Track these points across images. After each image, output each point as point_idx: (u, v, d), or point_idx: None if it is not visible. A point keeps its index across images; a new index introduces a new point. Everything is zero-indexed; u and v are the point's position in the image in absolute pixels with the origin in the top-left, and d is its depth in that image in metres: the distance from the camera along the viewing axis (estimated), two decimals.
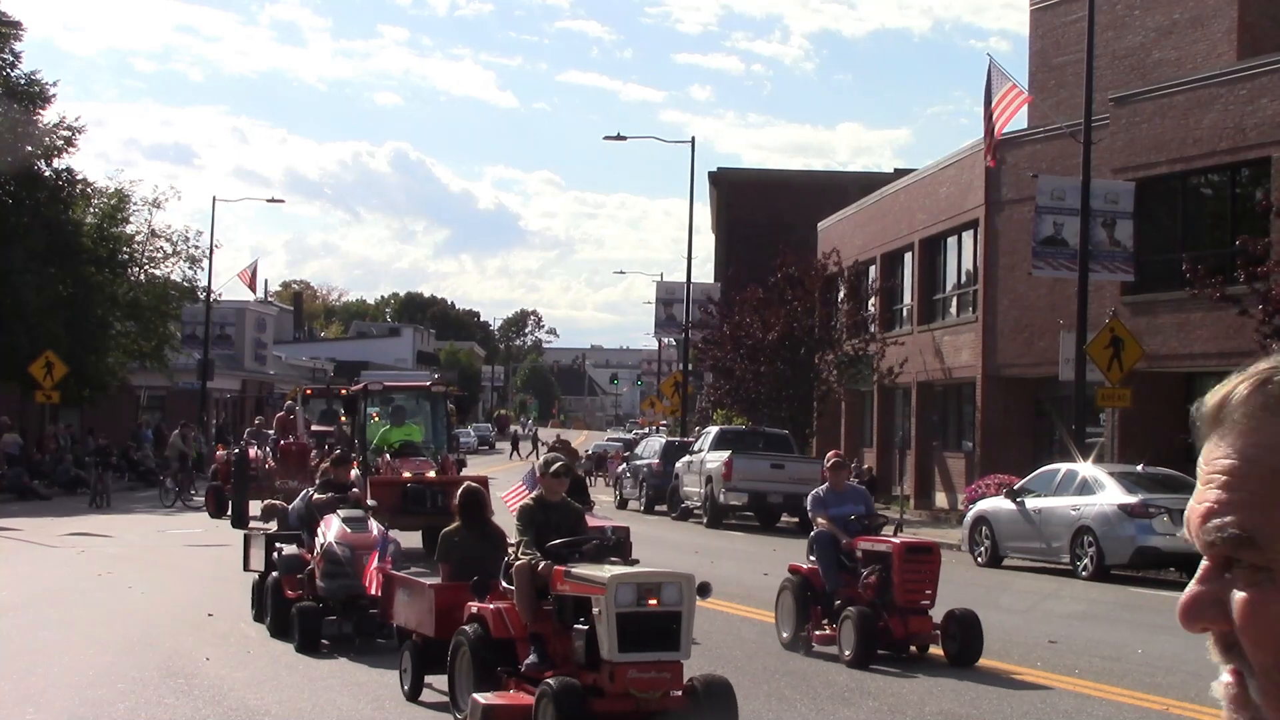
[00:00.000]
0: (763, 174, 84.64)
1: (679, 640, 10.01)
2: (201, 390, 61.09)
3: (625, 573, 10.15)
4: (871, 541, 15.06)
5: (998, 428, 38.74)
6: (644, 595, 9.89)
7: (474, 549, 12.10)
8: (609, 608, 9.77)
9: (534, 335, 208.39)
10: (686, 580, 10.17)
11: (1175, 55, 37.20)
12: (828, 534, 15.12)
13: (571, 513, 11.56)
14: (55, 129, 48.87)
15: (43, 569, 22.97)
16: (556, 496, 11.47)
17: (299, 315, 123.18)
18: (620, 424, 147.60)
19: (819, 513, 15.39)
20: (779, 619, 15.40)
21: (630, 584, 9.92)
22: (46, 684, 12.62)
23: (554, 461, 11.72)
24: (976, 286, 40.21)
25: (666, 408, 68.21)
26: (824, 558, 15.00)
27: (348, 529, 15.04)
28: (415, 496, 23.28)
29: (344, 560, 14.64)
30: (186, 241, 56.87)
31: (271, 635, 15.16)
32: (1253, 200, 29.08)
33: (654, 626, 9.95)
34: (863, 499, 15.90)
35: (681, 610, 10.00)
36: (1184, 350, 31.36)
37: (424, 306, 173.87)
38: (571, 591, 10.30)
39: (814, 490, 15.97)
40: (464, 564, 11.88)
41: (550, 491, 11.48)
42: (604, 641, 9.82)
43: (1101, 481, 25.02)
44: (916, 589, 14.55)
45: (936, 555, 15.08)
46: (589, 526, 11.94)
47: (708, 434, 40.07)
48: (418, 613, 12.16)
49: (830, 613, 14.77)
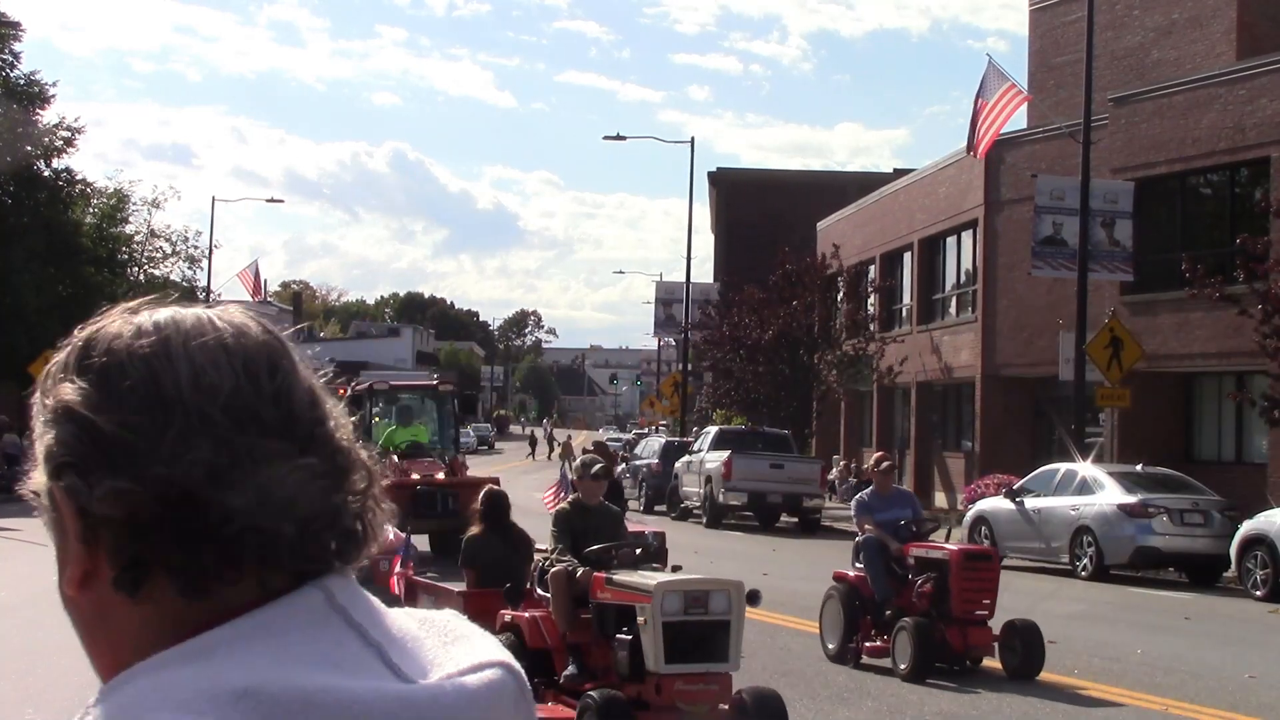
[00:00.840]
0: (762, 174, 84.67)
1: (728, 650, 9.64)
2: None
3: (672, 580, 9.78)
4: (925, 548, 14.33)
5: (997, 428, 38.74)
6: (691, 603, 9.56)
7: (499, 553, 11.79)
8: (655, 617, 9.42)
9: (533, 335, 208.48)
10: (735, 588, 9.81)
11: (1174, 55, 37.22)
12: (876, 540, 14.35)
13: (610, 517, 11.20)
14: (55, 129, 48.91)
15: (42, 569, 22.88)
16: (594, 500, 11.11)
17: (298, 315, 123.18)
18: (618, 424, 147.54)
19: (865, 518, 14.61)
20: (824, 629, 14.62)
21: (677, 592, 9.55)
22: (46, 684, 12.61)
23: (592, 464, 11.29)
24: (976, 286, 40.23)
25: (666, 408, 68.21)
26: (873, 565, 14.23)
27: None
28: (426, 499, 22.77)
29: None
30: (186, 241, 57.04)
31: None
32: (1252, 200, 29.10)
33: (702, 636, 9.60)
34: (910, 503, 15.22)
35: (730, 619, 9.63)
36: (1183, 350, 31.36)
37: (423, 307, 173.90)
38: (613, 599, 9.96)
39: (859, 495, 15.35)
40: (490, 569, 11.58)
41: (588, 494, 11.10)
42: (650, 652, 9.47)
43: (1101, 481, 25.02)
44: (975, 598, 13.78)
45: (996, 562, 14.38)
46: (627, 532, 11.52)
47: (707, 434, 40.06)
48: None
49: (881, 623, 14.10)
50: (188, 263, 57.44)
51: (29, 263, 44.82)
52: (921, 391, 44.64)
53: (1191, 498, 24.77)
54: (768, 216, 70.73)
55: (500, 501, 12.16)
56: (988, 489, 31.55)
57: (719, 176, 78.63)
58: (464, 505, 22.62)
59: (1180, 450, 32.10)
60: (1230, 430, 31.86)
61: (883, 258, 48.07)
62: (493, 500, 12.16)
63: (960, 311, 42.38)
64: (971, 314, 40.69)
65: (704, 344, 49.75)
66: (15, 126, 46.41)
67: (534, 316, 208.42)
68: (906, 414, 46.44)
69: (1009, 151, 38.63)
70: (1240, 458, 31.35)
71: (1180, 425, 32.86)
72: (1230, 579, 23.78)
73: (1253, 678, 14.07)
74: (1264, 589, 22.05)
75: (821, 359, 44.94)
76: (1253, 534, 22.64)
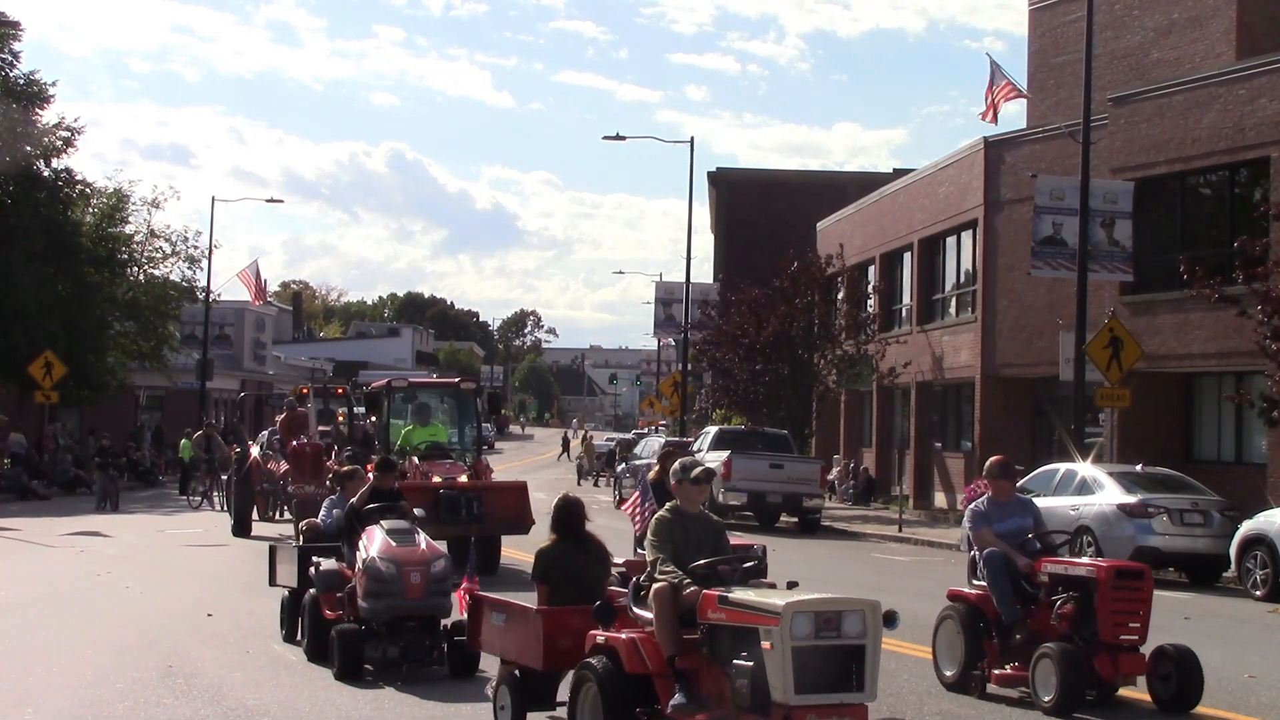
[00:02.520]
0: (762, 174, 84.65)
1: (864, 679, 8.67)
2: (201, 390, 61.07)
3: (802, 599, 8.73)
4: (1063, 564, 12.84)
5: (997, 428, 38.72)
6: (823, 626, 8.62)
7: (576, 566, 10.80)
8: (784, 640, 8.47)
9: (533, 335, 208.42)
10: (871, 608, 8.79)
11: (1174, 55, 37.21)
12: (1000, 555, 12.87)
13: (713, 527, 10.15)
14: (54, 129, 48.89)
15: (42, 569, 22.96)
16: (695, 507, 10.06)
17: (298, 315, 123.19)
18: (618, 424, 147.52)
19: (984, 529, 13.17)
20: (939, 654, 13.18)
21: (808, 613, 8.59)
22: (45, 684, 12.61)
23: (692, 466, 10.16)
24: (975, 286, 40.22)
25: (665, 408, 68.18)
26: (998, 583, 12.77)
27: (392, 542, 13.55)
28: (450, 503, 21.37)
29: (389, 577, 13.22)
30: (185, 241, 57.00)
31: (310, 659, 13.84)
32: (1252, 200, 29.09)
33: (834, 663, 8.65)
34: (1031, 511, 13.60)
35: (866, 643, 8.70)
36: (1183, 350, 31.36)
37: (423, 307, 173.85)
38: (729, 620, 8.99)
39: (974, 504, 13.67)
40: (566, 583, 10.65)
41: (688, 501, 10.04)
42: (777, 681, 8.49)
43: (1101, 481, 25.02)
44: (1125, 620, 12.23)
45: (1149, 580, 12.56)
46: (729, 544, 10.37)
47: (707, 434, 40.08)
48: (519, 641, 10.56)
49: (1010, 648, 12.72)
50: (187, 263, 57.43)
51: (28, 263, 44.79)
52: (921, 391, 44.64)
53: (1191, 498, 24.77)
54: (768, 216, 70.72)
55: (576, 510, 11.16)
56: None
57: (719, 176, 78.62)
58: (490, 510, 21.79)
59: (1180, 450, 32.10)
60: (1230, 430, 31.85)
61: (882, 258, 48.07)
62: (568, 508, 11.17)
63: (960, 312, 42.38)
64: (971, 314, 40.69)
65: (703, 344, 49.74)
66: (15, 126, 46.38)
67: (533, 316, 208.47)
68: (906, 414, 46.44)
69: (1009, 151, 38.63)
70: (1240, 458, 31.34)
71: (1180, 425, 32.86)
72: (1230, 579, 23.80)
73: (1253, 678, 14.06)
74: (1264, 589, 22.05)
75: (821, 359, 44.93)
76: (1252, 534, 22.64)
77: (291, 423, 31.33)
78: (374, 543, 13.59)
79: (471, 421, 25.78)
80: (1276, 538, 22.03)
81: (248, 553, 25.75)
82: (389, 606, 13.20)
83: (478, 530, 21.01)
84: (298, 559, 15.04)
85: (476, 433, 25.73)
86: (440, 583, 13.41)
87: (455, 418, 25.76)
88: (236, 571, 22.76)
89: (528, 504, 22.58)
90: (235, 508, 29.86)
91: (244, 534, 28.79)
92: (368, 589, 13.28)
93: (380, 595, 13.20)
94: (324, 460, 28.71)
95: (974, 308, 40.44)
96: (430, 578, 13.35)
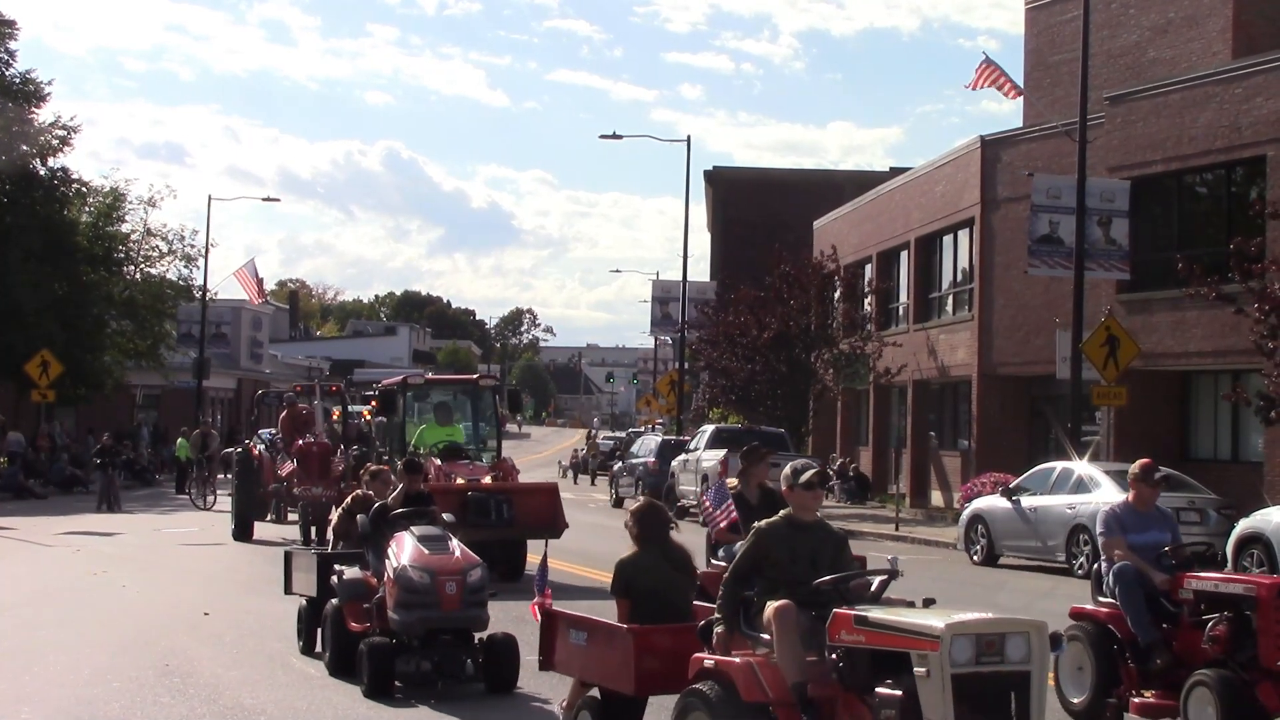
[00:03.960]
0: (759, 173, 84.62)
1: (1028, 709, 7.78)
2: (197, 389, 61.06)
3: (963, 620, 7.80)
4: (1215, 579, 11.36)
5: (994, 426, 38.75)
6: (984, 649, 7.72)
7: (662, 578, 9.83)
8: (943, 667, 7.55)
9: (530, 334, 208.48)
10: (1036, 630, 7.91)
11: (1170, 54, 37.22)
12: (1133, 570, 11.60)
13: (832, 537, 9.12)
14: (50, 128, 48.90)
15: (39, 568, 22.96)
16: (810, 515, 9.07)
17: (295, 314, 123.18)
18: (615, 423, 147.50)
19: (1117, 537, 11.83)
20: (1063, 679, 11.95)
21: (968, 635, 7.68)
22: (42, 683, 12.61)
23: (803, 469, 9.16)
24: (972, 285, 40.23)
25: (662, 406, 68.23)
26: (1132, 601, 11.48)
27: (425, 549, 12.63)
28: (479, 506, 20.27)
29: (422, 587, 12.33)
30: (182, 240, 57.01)
31: (331, 674, 13.12)
32: (1248, 199, 29.11)
33: (996, 692, 7.75)
34: (1170, 525, 12.19)
35: (1031, 669, 7.79)
36: (1179, 349, 31.38)
37: (420, 305, 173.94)
38: (869, 643, 8.05)
39: (1109, 508, 12.24)
40: (649, 597, 9.73)
41: (801, 508, 9.06)
42: (934, 713, 7.61)
43: (1097, 480, 25.03)
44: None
45: None
46: (852, 556, 9.36)
47: (703, 432, 40.08)
48: (604, 662, 9.58)
49: (1150, 674, 11.40)
50: (184, 261, 57.44)
51: (25, 262, 44.79)
52: (918, 390, 44.64)
53: (1188, 496, 24.80)
54: (764, 215, 70.70)
55: (661, 515, 10.16)
56: (984, 488, 31.56)
57: (715, 175, 78.63)
58: (520, 513, 20.63)
59: (1176, 449, 32.11)
60: (1226, 429, 31.87)
61: (879, 256, 48.07)
62: (655, 514, 10.15)
63: (957, 310, 42.38)
64: (968, 312, 40.70)
65: (700, 342, 49.75)
66: (11, 126, 46.41)
67: (530, 315, 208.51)
68: (903, 412, 46.43)
69: (1005, 150, 38.65)
70: (1236, 456, 31.36)
71: (1176, 424, 32.87)
72: None
73: None
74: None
75: (818, 358, 44.94)
76: (1249, 532, 22.65)
77: (293, 420, 30.00)
78: (405, 550, 12.66)
79: (490, 420, 24.78)
80: (1273, 536, 22.05)
81: (245, 552, 25.76)
82: (423, 619, 12.33)
83: (506, 534, 20.24)
84: (317, 566, 14.22)
85: (497, 432, 24.75)
86: (477, 593, 12.60)
87: (471, 416, 24.70)
88: (233, 571, 22.76)
89: (560, 506, 21.57)
90: (236, 510, 28.40)
91: (245, 538, 27.63)
92: (399, 600, 12.38)
93: (413, 606, 12.33)
94: (332, 461, 27.64)
95: (971, 306, 40.45)
96: (466, 587, 12.51)
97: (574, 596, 15.06)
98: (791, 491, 9.08)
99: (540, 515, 21.01)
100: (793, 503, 9.11)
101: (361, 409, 49.61)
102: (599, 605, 11.40)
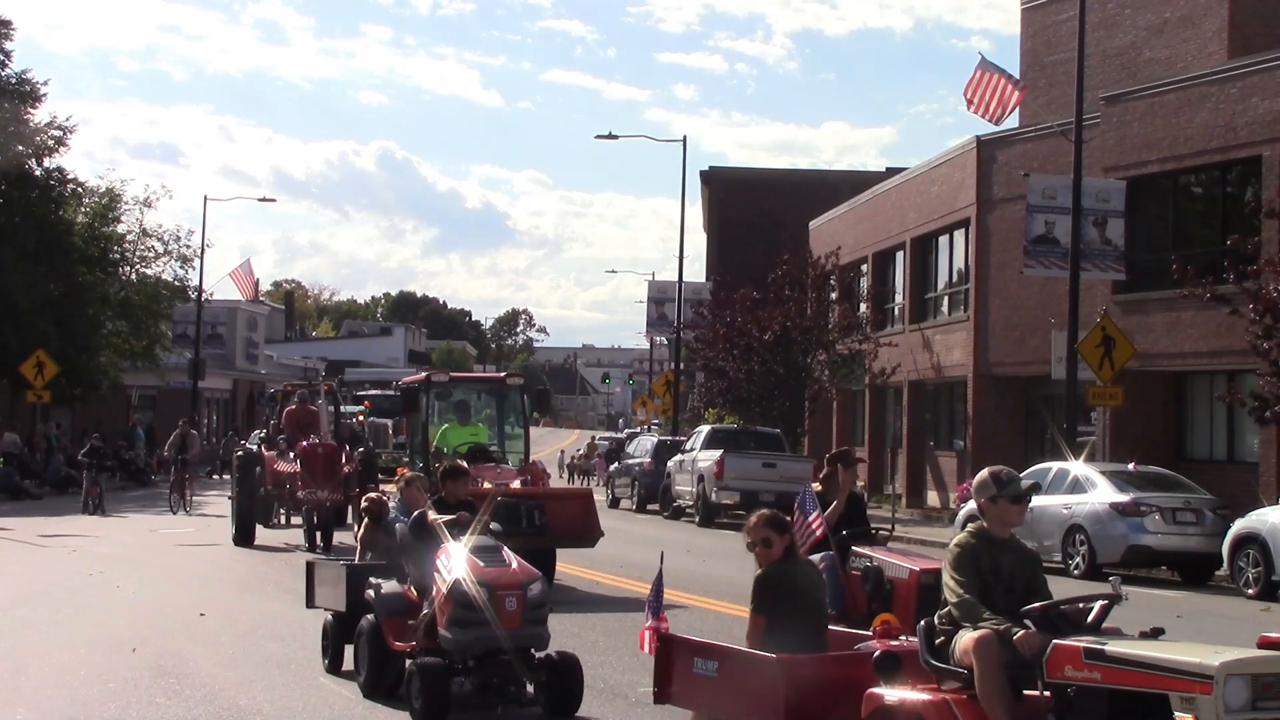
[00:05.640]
0: (754, 173, 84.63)
1: None
2: (193, 390, 61.02)
3: (1239, 659, 6.64)
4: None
5: (989, 426, 38.78)
6: (1261, 693, 6.57)
7: (804, 593, 8.84)
8: (1217, 714, 6.46)
9: (525, 334, 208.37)
10: None
11: (1166, 54, 37.26)
12: None
13: (1029, 558, 8.11)
14: (46, 129, 48.85)
15: (34, 569, 22.93)
16: (1006, 532, 7.98)
17: (290, 315, 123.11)
18: (610, 423, 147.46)
19: None
20: None
21: (1244, 676, 6.55)
22: (38, 683, 12.59)
23: (1011, 479, 8.01)
24: (968, 285, 40.25)
25: (658, 407, 68.22)
26: None
27: (480, 561, 11.47)
28: (508, 513, 18.13)
29: (481, 604, 11.16)
30: (178, 241, 56.99)
31: (366, 695, 12.10)
32: (1243, 199, 29.13)
33: None
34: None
35: None
36: (1175, 349, 31.40)
37: (415, 306, 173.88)
38: (1106, 682, 6.94)
39: None
40: (790, 616, 8.68)
41: (999, 523, 7.95)
42: None
43: (1093, 480, 25.05)
44: None
45: None
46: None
47: (699, 433, 40.10)
48: (745, 697, 8.42)
49: None
50: (180, 262, 57.43)
51: (20, 262, 44.75)
52: (914, 390, 44.66)
53: (1183, 496, 24.81)
54: (760, 215, 70.71)
55: (789, 523, 9.20)
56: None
57: (711, 175, 78.64)
58: (553, 520, 19.22)
59: (1172, 449, 32.14)
60: (1222, 429, 31.89)
61: (875, 256, 48.09)
62: (787, 523, 9.07)
63: (952, 310, 42.41)
64: (964, 313, 40.72)
65: (697, 343, 49.77)
66: (7, 126, 46.36)
67: (526, 315, 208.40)
68: (899, 413, 46.46)
69: (1001, 150, 38.68)
70: (1232, 456, 31.39)
71: (1172, 424, 32.89)
72: (1222, 577, 23.82)
73: None
74: (1255, 587, 22.08)
75: (814, 358, 44.95)
76: (1244, 533, 22.67)
77: (299, 418, 28.35)
78: (457, 562, 11.47)
79: (517, 421, 23.47)
80: (1268, 536, 22.06)
81: (240, 553, 25.72)
82: (480, 638, 11.15)
83: (539, 543, 18.81)
84: (346, 579, 13.10)
85: (525, 434, 23.23)
86: (538, 608, 11.45)
87: (497, 416, 23.57)
88: (229, 571, 22.74)
89: (594, 513, 20.34)
90: (238, 513, 27.17)
91: (247, 542, 26.55)
92: (454, 617, 11.21)
93: (469, 624, 11.16)
94: (339, 463, 26.38)
95: (966, 306, 40.48)
96: (528, 603, 11.37)
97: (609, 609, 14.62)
98: (994, 504, 7.92)
99: (573, 523, 19.83)
100: (991, 516, 7.94)
101: (354, 409, 49.66)
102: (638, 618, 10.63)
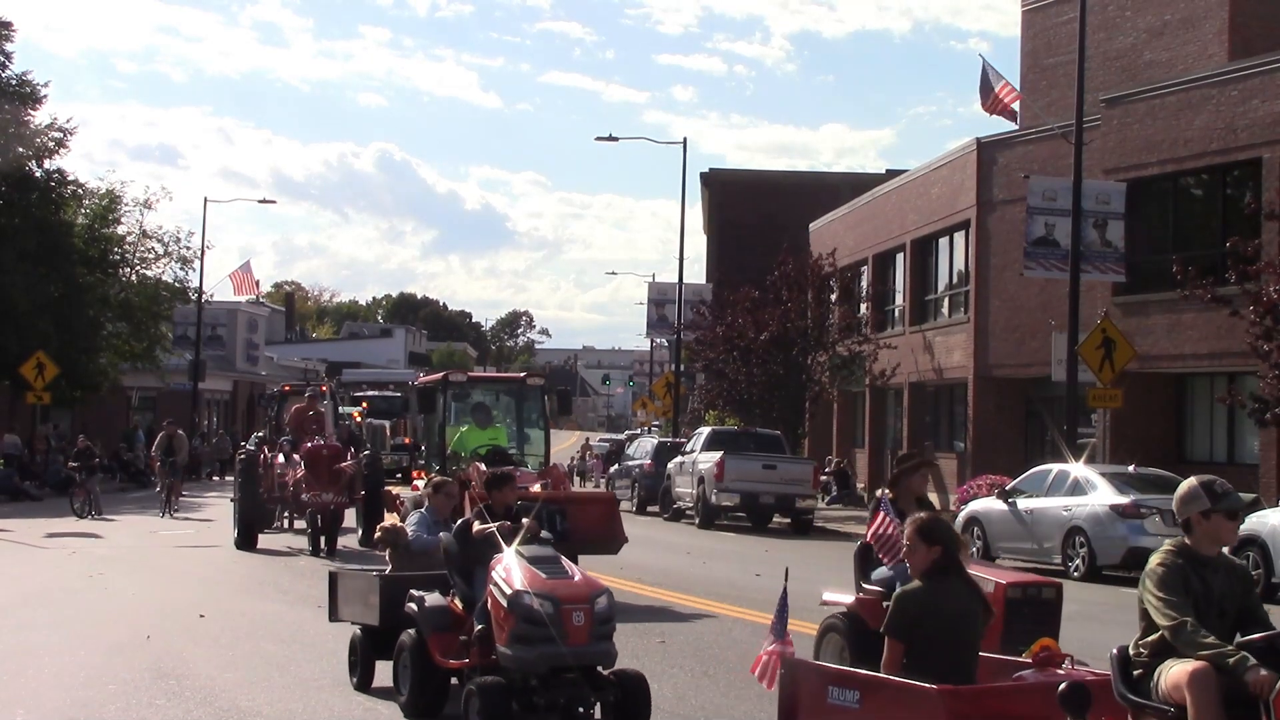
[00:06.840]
0: (754, 175, 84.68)
1: None
2: (193, 391, 61.02)
3: None
4: None
5: (989, 428, 38.78)
6: None
7: (958, 616, 7.88)
8: None
9: (526, 336, 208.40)
10: None
11: (1166, 56, 37.27)
12: None
13: (1239, 576, 7.25)
14: (46, 130, 48.87)
15: (33, 570, 22.92)
16: (1215, 549, 7.15)
17: (290, 316, 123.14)
18: (611, 425, 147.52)
19: None
20: None
21: None
22: (37, 685, 12.59)
23: (1225, 492, 7.17)
24: (968, 287, 40.25)
25: (658, 408, 68.19)
26: None
27: (541, 573, 10.64)
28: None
29: (547, 619, 10.32)
30: (178, 242, 57.05)
31: (408, 717, 11.35)
32: (1243, 201, 29.14)
33: None
34: None
35: None
36: (1175, 351, 31.40)
37: (415, 307, 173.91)
38: None
39: None
40: (936, 641, 7.79)
41: (1208, 540, 7.12)
42: None
43: (1093, 482, 25.03)
44: None
45: None
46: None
47: (699, 434, 40.07)
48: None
49: None
50: (180, 263, 57.48)
51: (20, 263, 44.75)
52: (914, 392, 44.67)
53: None
54: (760, 217, 70.75)
55: (949, 533, 8.25)
56: (980, 490, 31.56)
57: (711, 177, 78.68)
58: (575, 526, 18.57)
59: (1172, 451, 32.14)
60: (1222, 431, 31.90)
61: (875, 258, 48.10)
62: (942, 531, 8.21)
63: (953, 312, 42.42)
64: (964, 315, 40.73)
65: (697, 344, 49.77)
66: (7, 127, 46.37)
67: (526, 317, 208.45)
68: (899, 414, 46.46)
69: (1001, 152, 38.68)
70: (1232, 458, 31.38)
71: (1172, 426, 32.89)
72: None
73: None
74: (1256, 590, 22.06)
75: (814, 360, 44.96)
76: (1244, 535, 22.64)
77: (303, 418, 27.60)
78: (516, 574, 10.66)
79: (537, 423, 22.79)
80: (1268, 538, 22.06)
81: (240, 555, 25.70)
82: (544, 655, 10.28)
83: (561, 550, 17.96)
84: (380, 590, 12.34)
85: (545, 436, 22.59)
86: (606, 623, 10.61)
87: (516, 418, 22.98)
88: (229, 573, 22.74)
89: (618, 518, 19.60)
90: (240, 517, 26.66)
91: (249, 546, 26.16)
92: (516, 633, 10.37)
93: (533, 640, 10.31)
94: (344, 464, 25.84)
95: (967, 308, 40.48)
96: (595, 617, 10.51)
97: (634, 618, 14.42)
98: (1206, 518, 7.07)
99: (597, 528, 19.08)
100: (1202, 532, 7.09)
101: (352, 410, 49.59)
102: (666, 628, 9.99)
